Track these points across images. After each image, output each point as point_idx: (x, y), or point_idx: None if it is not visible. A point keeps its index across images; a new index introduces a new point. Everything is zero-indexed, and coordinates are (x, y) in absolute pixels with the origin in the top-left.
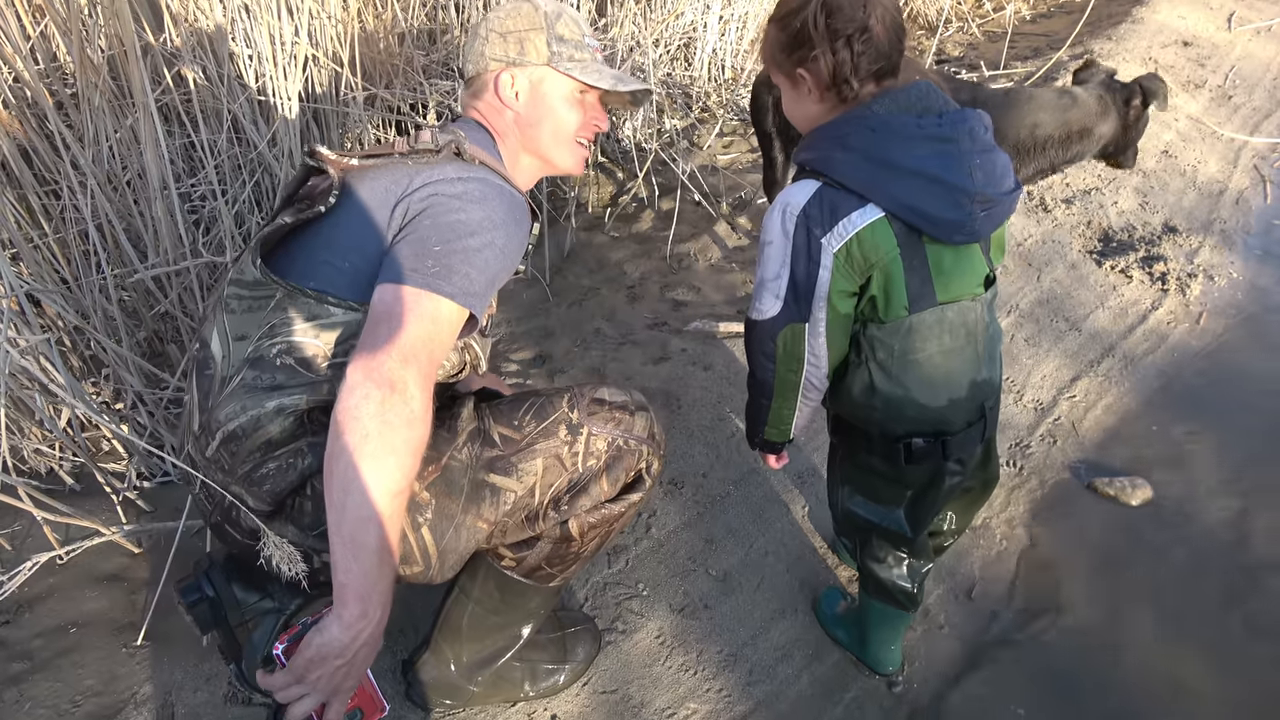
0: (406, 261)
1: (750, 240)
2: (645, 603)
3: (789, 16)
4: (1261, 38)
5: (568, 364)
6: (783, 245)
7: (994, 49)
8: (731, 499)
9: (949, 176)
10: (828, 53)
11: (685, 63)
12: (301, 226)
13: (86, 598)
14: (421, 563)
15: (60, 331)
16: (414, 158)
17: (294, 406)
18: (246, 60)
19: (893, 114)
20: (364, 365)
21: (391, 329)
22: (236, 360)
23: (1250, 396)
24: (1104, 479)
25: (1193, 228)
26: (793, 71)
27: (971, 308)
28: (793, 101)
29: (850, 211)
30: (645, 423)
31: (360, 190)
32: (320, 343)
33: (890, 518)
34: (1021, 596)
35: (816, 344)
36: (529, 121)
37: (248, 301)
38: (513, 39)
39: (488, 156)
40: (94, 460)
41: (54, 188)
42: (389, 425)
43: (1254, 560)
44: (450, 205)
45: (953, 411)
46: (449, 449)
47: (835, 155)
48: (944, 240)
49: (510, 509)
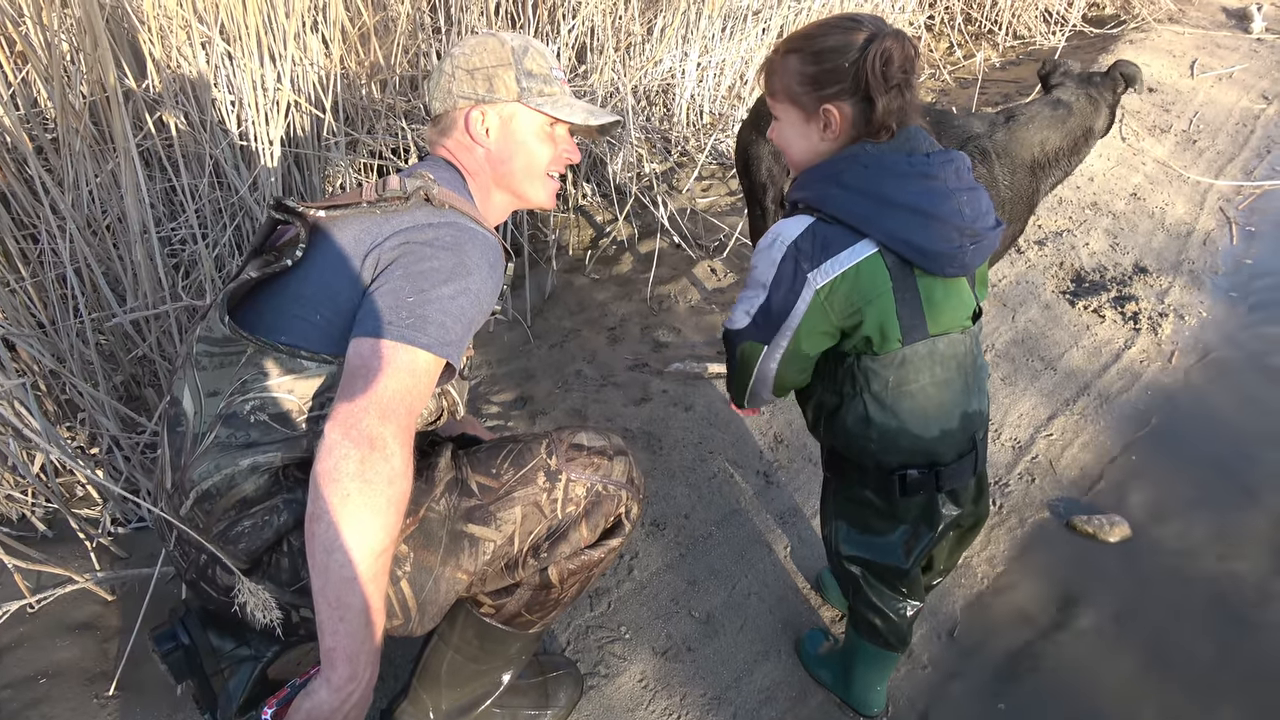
0: (380, 314)
1: (729, 282)
2: (628, 646)
3: (827, 53)
4: (1223, 84)
5: (549, 406)
6: (766, 270)
7: (965, 94)
8: (714, 540)
9: (939, 211)
10: (883, 98)
11: (664, 108)
12: (269, 280)
13: (57, 647)
14: (401, 616)
15: (36, 375)
16: (382, 205)
17: (269, 464)
18: (229, 106)
19: (884, 152)
20: (342, 423)
21: (368, 384)
22: (209, 417)
23: (1223, 433)
24: (1082, 517)
25: (1163, 268)
26: (814, 105)
27: (961, 340)
28: (799, 134)
29: (841, 250)
30: (624, 467)
31: (329, 241)
32: (295, 397)
33: (885, 553)
34: (1003, 635)
35: (767, 367)
36: (500, 158)
37: (218, 358)
38: (480, 76)
39: (457, 198)
40: (67, 506)
41: (32, 231)
42: (370, 484)
43: (1231, 596)
44: (422, 253)
45: (945, 442)
46: (426, 500)
47: (831, 191)
48: (935, 273)
49: (489, 558)
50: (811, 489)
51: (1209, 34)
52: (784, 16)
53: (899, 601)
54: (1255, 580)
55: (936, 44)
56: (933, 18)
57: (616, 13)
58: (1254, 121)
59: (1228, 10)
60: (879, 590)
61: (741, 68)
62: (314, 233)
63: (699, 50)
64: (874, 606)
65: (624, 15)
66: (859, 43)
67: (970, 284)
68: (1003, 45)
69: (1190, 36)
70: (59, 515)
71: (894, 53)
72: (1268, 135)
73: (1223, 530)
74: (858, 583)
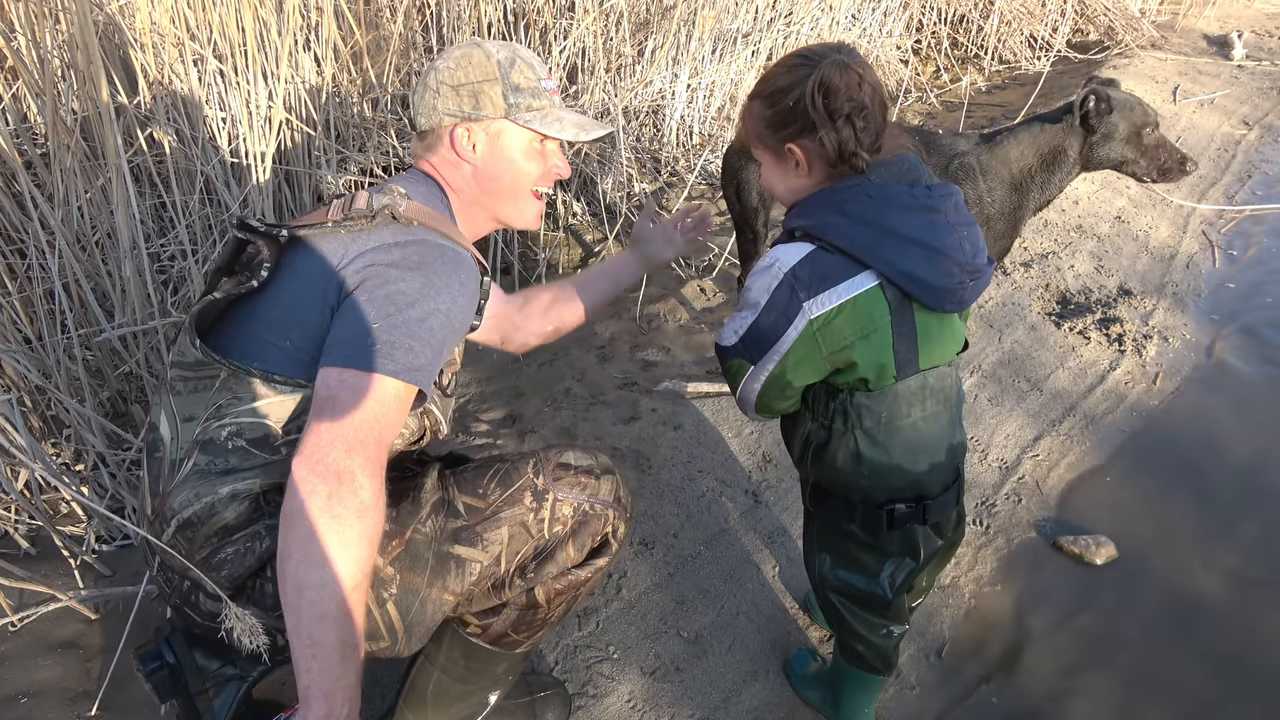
0: (345, 341)
1: (718, 301)
2: (616, 665)
3: (778, 94)
4: (1205, 110)
5: (538, 424)
6: (760, 294)
7: (951, 118)
8: (702, 559)
9: (943, 245)
10: (830, 132)
11: (654, 128)
12: (239, 301)
13: (39, 666)
14: (388, 638)
15: (21, 391)
16: (347, 225)
17: (248, 490)
18: (220, 123)
19: (887, 183)
20: (307, 459)
21: (334, 416)
22: (185, 442)
23: (1206, 455)
24: (1068, 537)
25: (1147, 290)
26: (779, 147)
27: (947, 373)
28: (777, 175)
29: (840, 281)
30: (611, 486)
31: (295, 263)
32: (272, 422)
33: (869, 583)
34: (990, 656)
35: (750, 388)
36: (487, 175)
37: (192, 382)
38: (466, 92)
39: (429, 213)
40: (51, 523)
41: (20, 247)
42: (339, 520)
43: (1216, 615)
44: (387, 275)
45: (933, 475)
46: (413, 522)
47: (833, 220)
48: (935, 308)
49: (476, 579)
50: (800, 509)
51: (1190, 60)
52: (773, 39)
53: (883, 627)
54: (1241, 600)
55: (924, 68)
56: (919, 42)
57: (608, 34)
58: (1235, 147)
59: (1209, 37)
60: (863, 618)
61: (731, 89)
62: (281, 252)
63: (689, 72)
64: (858, 634)
65: (615, 37)
66: (804, 79)
67: (960, 317)
68: (989, 70)
69: (1172, 63)
70: (43, 532)
71: (834, 82)
72: (1249, 160)
73: (1208, 550)
74: (840, 613)
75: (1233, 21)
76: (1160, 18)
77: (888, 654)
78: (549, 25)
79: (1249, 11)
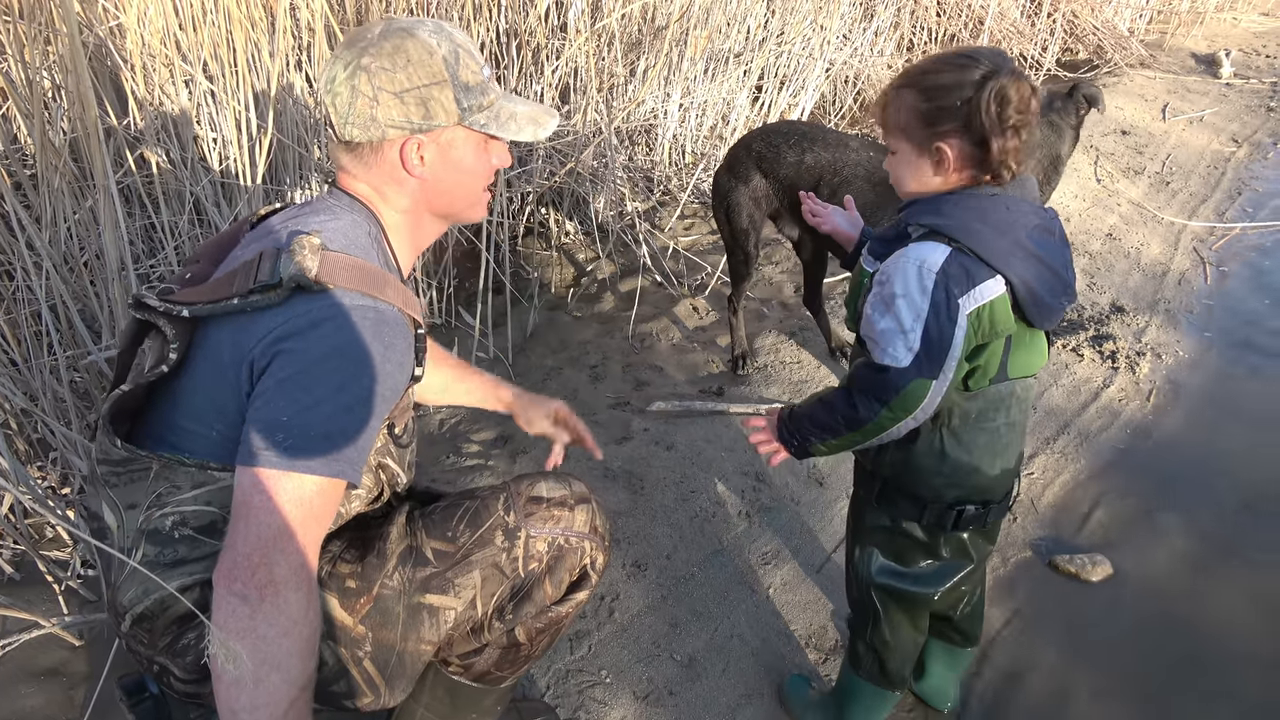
0: (257, 438)
1: (711, 320)
2: (609, 690)
3: (939, 91)
4: (1194, 127)
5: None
6: (919, 300)
7: None
8: (696, 581)
9: (1056, 264)
10: (1000, 140)
11: (647, 148)
12: (155, 385)
13: (21, 694)
14: (370, 693)
15: (7, 414)
16: (253, 302)
17: (197, 581)
18: (211, 143)
19: (1016, 200)
20: (226, 574)
21: (250, 524)
22: (132, 531)
23: (1201, 471)
24: (1064, 556)
25: (1139, 307)
26: (927, 142)
27: (1032, 385)
28: (910, 168)
29: (984, 280)
30: (586, 516)
31: (204, 345)
32: (215, 508)
33: (917, 582)
34: (987, 675)
35: (934, 402)
36: (438, 189)
37: (125, 475)
38: (412, 100)
39: (350, 266)
40: (35, 548)
41: (7, 268)
42: (265, 640)
43: (1213, 634)
44: (297, 359)
45: (1003, 480)
46: (379, 576)
47: (975, 226)
48: (1036, 323)
49: (453, 625)
50: (794, 529)
51: (1179, 79)
52: (765, 59)
53: (914, 637)
54: (1237, 617)
55: None
56: (910, 61)
57: (600, 54)
58: (1225, 164)
59: (1197, 56)
60: (896, 622)
61: (723, 109)
62: (192, 330)
63: (681, 91)
64: (884, 641)
65: (607, 57)
66: (973, 80)
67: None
68: None
69: (1161, 81)
70: (27, 557)
71: (1010, 93)
72: (1238, 178)
73: (1204, 567)
74: (877, 615)
75: (1220, 40)
76: (1149, 37)
77: (905, 667)
78: (541, 45)
79: (1236, 30)
